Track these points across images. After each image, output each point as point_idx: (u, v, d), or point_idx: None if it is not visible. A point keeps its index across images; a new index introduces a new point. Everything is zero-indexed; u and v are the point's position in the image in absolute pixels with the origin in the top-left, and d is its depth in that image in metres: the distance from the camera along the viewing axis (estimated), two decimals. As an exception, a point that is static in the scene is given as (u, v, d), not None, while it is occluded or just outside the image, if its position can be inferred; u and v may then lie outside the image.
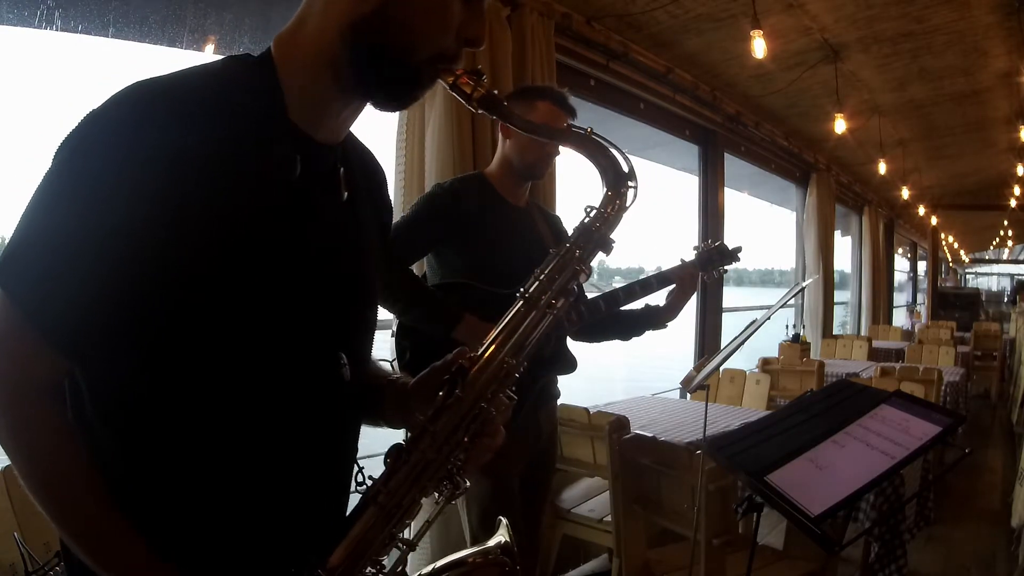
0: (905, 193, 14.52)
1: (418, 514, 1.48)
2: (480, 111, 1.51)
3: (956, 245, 32.85)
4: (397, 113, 4.67)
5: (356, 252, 1.56)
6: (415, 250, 3.35)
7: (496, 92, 1.50)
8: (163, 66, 1.35)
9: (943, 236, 25.91)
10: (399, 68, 1.42)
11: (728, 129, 9.21)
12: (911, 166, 13.42)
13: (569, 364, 3.49)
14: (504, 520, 1.78)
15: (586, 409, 4.83)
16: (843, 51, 7.87)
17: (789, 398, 6.93)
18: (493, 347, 1.50)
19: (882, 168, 11.42)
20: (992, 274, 43.20)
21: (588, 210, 1.57)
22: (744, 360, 10.77)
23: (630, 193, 1.56)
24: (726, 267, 3.75)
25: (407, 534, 1.47)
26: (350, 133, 1.59)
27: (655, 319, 3.59)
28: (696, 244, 3.70)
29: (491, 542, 1.65)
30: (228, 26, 4.37)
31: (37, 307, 1.21)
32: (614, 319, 3.54)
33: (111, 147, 1.22)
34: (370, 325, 1.67)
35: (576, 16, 6.00)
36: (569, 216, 5.49)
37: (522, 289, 1.54)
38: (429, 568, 1.56)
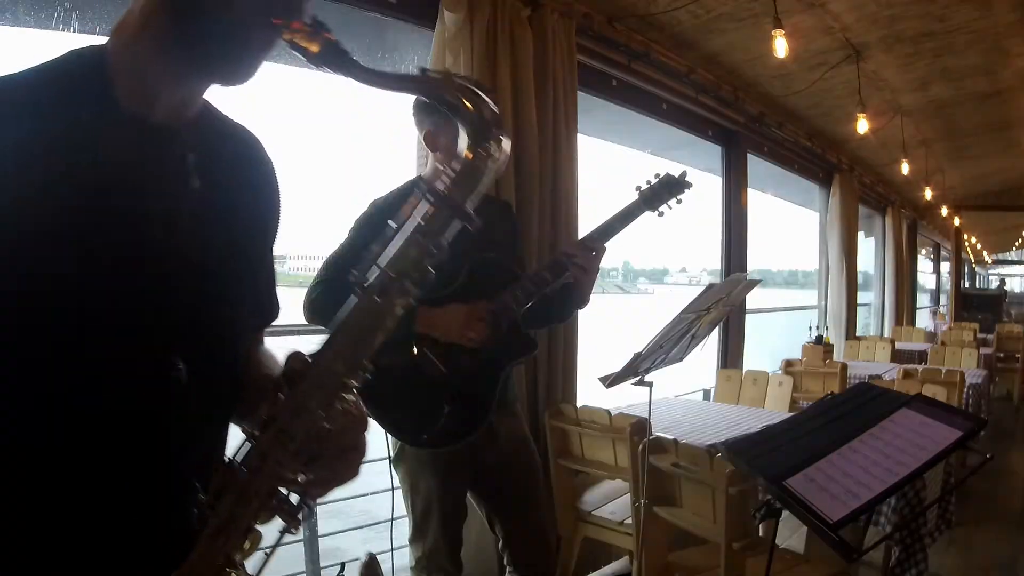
0: (928, 194, 14.43)
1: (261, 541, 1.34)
2: (324, 68, 1.32)
3: (979, 246, 32.69)
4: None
5: (206, 245, 1.42)
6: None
7: (340, 42, 1.32)
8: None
9: (966, 237, 25.78)
10: (221, 25, 1.29)
11: (751, 129, 9.16)
12: (934, 166, 13.34)
13: (529, 346, 3.51)
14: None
15: (607, 411, 4.81)
16: (865, 51, 7.84)
17: (812, 400, 6.90)
18: (324, 350, 1.34)
19: (905, 168, 11.35)
20: (1015, 275, 42.96)
21: (440, 171, 1.36)
22: (767, 362, 10.74)
23: (493, 146, 1.33)
24: (679, 198, 3.61)
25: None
26: (223, 119, 1.52)
27: (576, 298, 3.58)
28: (638, 184, 3.57)
29: None
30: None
31: None
32: (548, 301, 3.49)
33: None
34: (224, 325, 1.50)
35: (597, 16, 5.97)
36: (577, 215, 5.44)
37: (354, 276, 1.34)
38: None
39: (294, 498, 1.34)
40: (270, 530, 1.34)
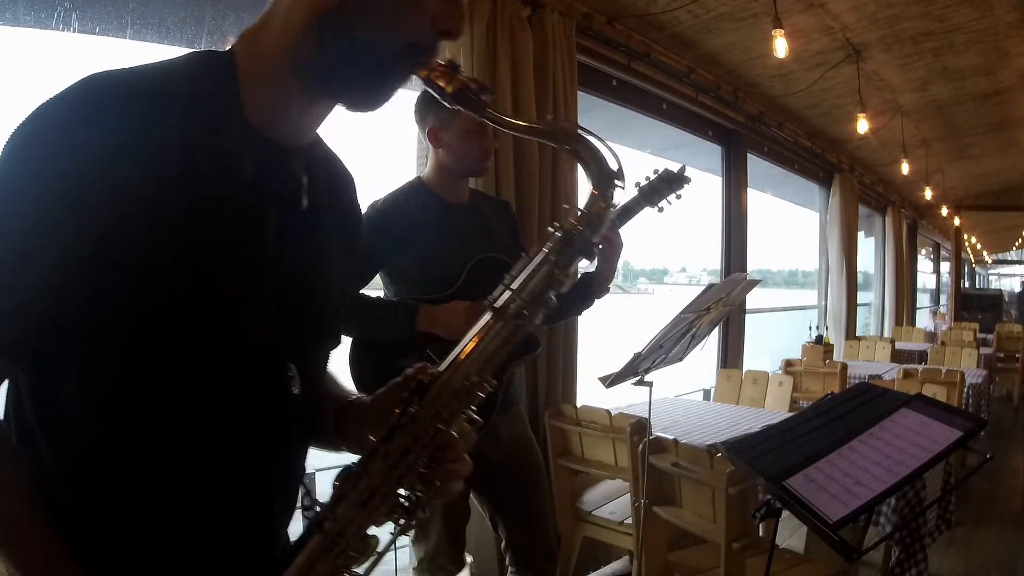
0: (928, 194, 14.43)
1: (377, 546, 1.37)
2: (456, 107, 1.41)
3: (979, 246, 32.69)
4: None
5: (312, 264, 1.47)
6: (363, 273, 3.34)
7: (474, 85, 1.40)
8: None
9: (966, 237, 25.79)
10: (368, 60, 1.32)
11: (751, 129, 9.17)
12: (934, 166, 13.34)
13: (531, 345, 3.48)
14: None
15: (607, 411, 4.81)
16: (865, 51, 7.84)
17: (812, 400, 6.91)
18: (456, 363, 1.39)
19: (905, 168, 11.35)
20: (1015, 275, 42.95)
21: (568, 211, 1.41)
22: (767, 362, 10.73)
23: (616, 193, 1.40)
24: (679, 193, 3.61)
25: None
26: (319, 140, 1.52)
27: (596, 287, 3.59)
28: (637, 180, 3.58)
29: None
30: (247, 27, 4.34)
31: None
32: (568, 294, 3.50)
33: (56, 141, 1.15)
34: (325, 340, 1.60)
35: (597, 16, 5.96)
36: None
37: (491, 298, 1.41)
38: None
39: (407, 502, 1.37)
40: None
